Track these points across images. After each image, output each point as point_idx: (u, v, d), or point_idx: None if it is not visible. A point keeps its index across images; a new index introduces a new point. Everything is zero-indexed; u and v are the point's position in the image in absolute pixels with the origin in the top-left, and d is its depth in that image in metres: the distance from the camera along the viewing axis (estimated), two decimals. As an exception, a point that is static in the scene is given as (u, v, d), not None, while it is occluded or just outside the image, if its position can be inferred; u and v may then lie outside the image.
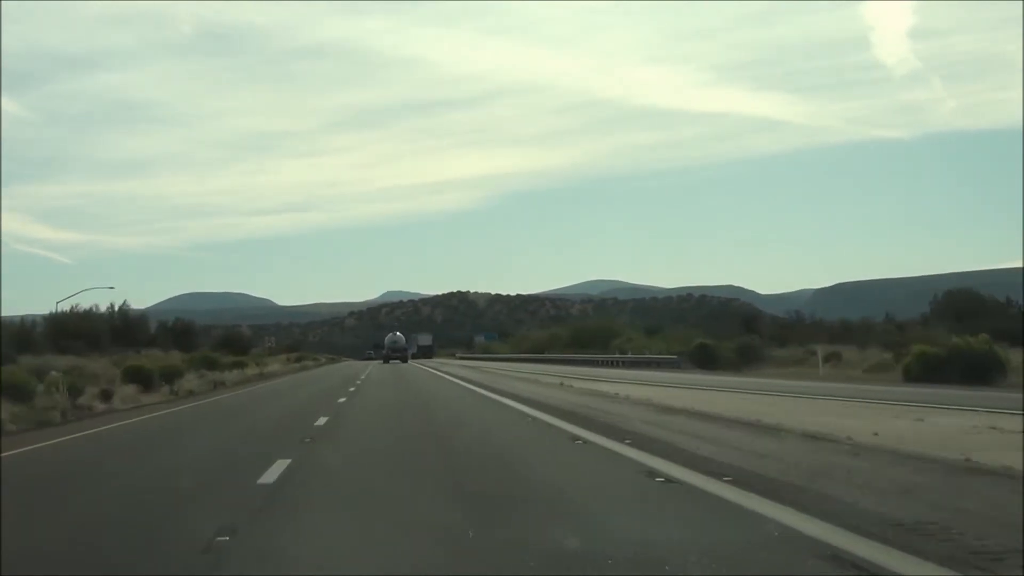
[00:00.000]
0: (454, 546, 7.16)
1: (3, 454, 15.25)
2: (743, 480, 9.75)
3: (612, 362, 70.13)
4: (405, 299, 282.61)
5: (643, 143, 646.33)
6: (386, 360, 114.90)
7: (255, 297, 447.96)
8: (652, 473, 10.66)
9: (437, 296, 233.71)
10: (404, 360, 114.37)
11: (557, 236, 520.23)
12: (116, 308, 76.22)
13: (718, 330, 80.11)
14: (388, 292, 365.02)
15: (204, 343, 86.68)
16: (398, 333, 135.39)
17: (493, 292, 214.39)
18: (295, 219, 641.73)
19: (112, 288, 79.13)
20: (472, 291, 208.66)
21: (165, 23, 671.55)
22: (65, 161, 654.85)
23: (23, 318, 73.86)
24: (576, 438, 15.04)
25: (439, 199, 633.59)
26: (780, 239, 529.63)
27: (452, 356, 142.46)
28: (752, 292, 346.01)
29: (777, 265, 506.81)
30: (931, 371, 33.29)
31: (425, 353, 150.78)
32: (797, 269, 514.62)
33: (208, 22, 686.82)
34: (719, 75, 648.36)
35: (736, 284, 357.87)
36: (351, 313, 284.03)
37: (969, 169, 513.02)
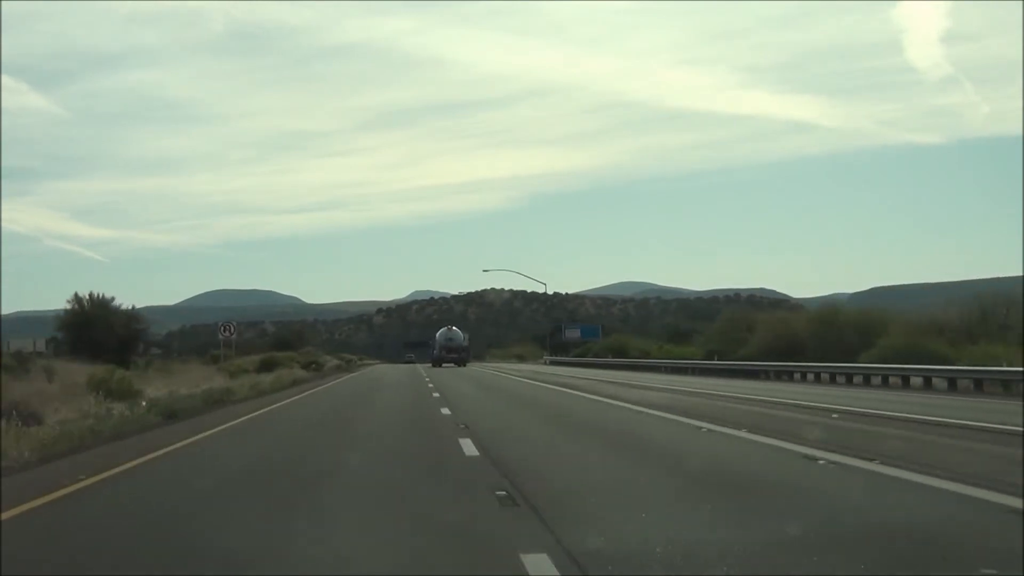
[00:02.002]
0: None
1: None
2: None
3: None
4: (437, 297, 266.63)
5: (673, 145, 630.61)
6: (437, 363, 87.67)
7: (283, 295, 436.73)
8: None
9: (470, 293, 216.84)
10: (461, 363, 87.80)
11: (585, 237, 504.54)
12: None
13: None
14: (416, 291, 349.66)
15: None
16: (454, 328, 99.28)
17: (529, 290, 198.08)
18: (324, 218, 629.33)
19: None
20: (507, 288, 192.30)
21: (195, 22, 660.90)
22: (97, 158, 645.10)
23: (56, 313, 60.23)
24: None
25: (467, 199, 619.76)
26: (810, 242, 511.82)
27: (516, 359, 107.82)
28: (784, 295, 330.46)
29: (807, 268, 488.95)
30: None
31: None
32: (827, 272, 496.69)
33: (238, 22, 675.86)
34: (750, 77, 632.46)
35: (767, 287, 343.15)
36: (379, 310, 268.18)
37: (1003, 174, 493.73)
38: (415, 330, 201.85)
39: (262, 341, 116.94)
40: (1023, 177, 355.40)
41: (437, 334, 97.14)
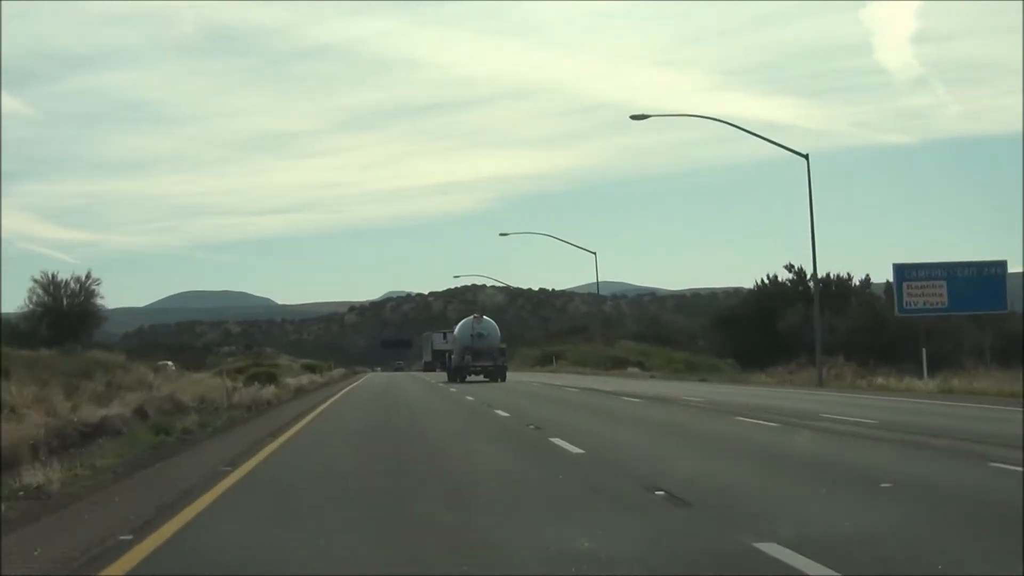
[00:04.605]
0: None
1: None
2: None
3: None
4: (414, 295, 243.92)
5: (649, 146, 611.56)
6: (458, 376, 54.59)
7: (254, 296, 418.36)
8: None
9: (450, 290, 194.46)
10: (498, 376, 53.88)
11: (564, 237, 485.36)
12: None
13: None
14: (390, 292, 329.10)
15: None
16: (485, 317, 58.43)
17: (513, 286, 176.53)
18: (298, 219, 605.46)
19: None
20: (489, 285, 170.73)
21: (168, 23, 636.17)
22: (68, 160, 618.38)
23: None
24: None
25: (443, 200, 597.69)
26: (786, 242, 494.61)
27: (637, 369, 65.79)
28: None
29: (784, 267, 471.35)
30: None
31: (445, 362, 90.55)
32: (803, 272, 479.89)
33: (212, 22, 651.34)
34: (725, 79, 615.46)
35: (745, 286, 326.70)
36: (351, 308, 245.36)
37: (975, 173, 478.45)
38: (391, 328, 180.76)
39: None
40: (1023, 175, 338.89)
41: (456, 328, 58.14)
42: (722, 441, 17.16)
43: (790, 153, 44.57)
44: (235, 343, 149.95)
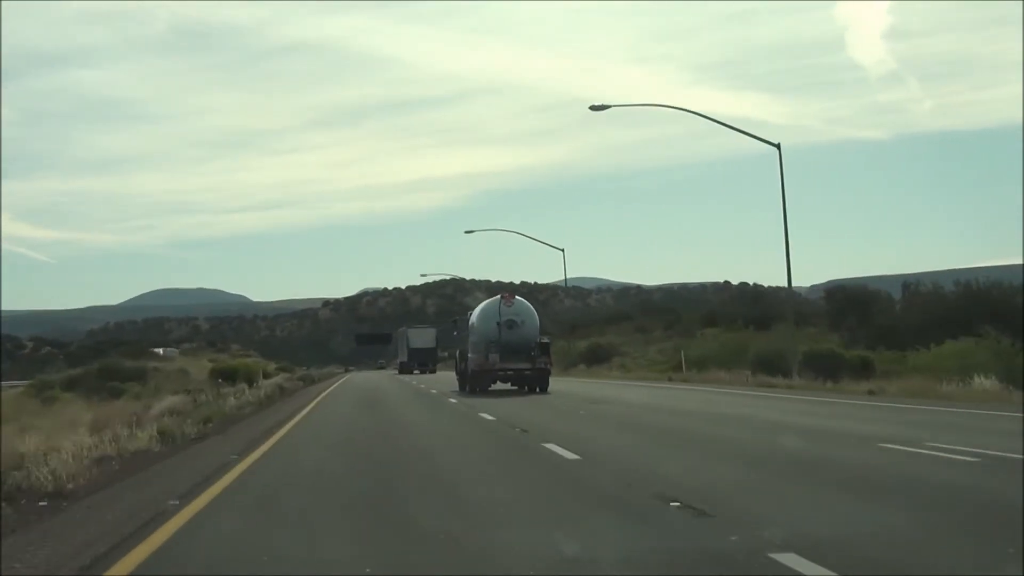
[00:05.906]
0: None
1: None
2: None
3: None
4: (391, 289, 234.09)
5: (624, 142, 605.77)
6: (478, 384, 35.81)
7: (229, 293, 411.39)
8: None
9: (429, 284, 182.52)
10: (536, 381, 35.27)
11: (536, 235, 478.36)
12: None
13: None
14: (366, 288, 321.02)
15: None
16: (517, 297, 37.20)
17: (493, 280, 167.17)
18: (273, 217, 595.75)
19: None
20: (469, 278, 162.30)
21: (142, 20, 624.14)
22: (42, 159, 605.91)
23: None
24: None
25: (419, 197, 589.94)
26: (762, 237, 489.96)
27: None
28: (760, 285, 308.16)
29: (759, 262, 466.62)
30: None
31: (424, 362, 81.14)
32: (780, 266, 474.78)
33: (186, 20, 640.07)
34: (699, 75, 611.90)
35: (721, 280, 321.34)
36: (326, 304, 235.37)
37: (948, 168, 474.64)
38: (366, 324, 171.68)
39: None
40: (1023, 168, 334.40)
41: (473, 314, 38.59)
42: None
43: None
44: (202, 340, 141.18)
